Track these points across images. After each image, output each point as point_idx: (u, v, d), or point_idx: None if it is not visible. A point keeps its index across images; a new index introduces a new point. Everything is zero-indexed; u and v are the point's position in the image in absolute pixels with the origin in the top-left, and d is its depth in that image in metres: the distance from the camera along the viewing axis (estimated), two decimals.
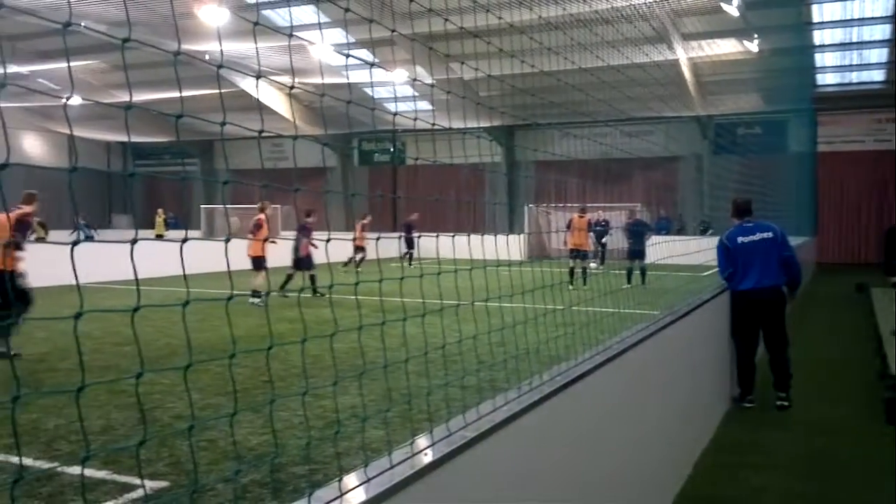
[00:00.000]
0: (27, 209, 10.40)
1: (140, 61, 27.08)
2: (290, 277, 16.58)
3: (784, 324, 7.85)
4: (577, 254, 17.91)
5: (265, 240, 14.70)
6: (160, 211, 34.63)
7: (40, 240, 26.86)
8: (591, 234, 19.59)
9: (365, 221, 25.38)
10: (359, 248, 23.37)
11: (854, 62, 28.84)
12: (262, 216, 15.87)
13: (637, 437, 4.56)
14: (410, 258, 24.64)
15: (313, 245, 16.79)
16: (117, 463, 5.51)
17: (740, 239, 7.75)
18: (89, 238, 28.70)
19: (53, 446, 5.95)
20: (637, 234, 17.92)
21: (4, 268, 9.79)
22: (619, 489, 4.18)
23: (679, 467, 5.59)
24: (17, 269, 10.02)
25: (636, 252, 16.90)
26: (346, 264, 23.42)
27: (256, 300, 14.59)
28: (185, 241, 1.94)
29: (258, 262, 14.94)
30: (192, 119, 1.94)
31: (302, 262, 16.64)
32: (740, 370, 7.82)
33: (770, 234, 7.75)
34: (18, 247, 9.93)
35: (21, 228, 10.13)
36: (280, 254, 15.61)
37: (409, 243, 25.21)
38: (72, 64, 26.74)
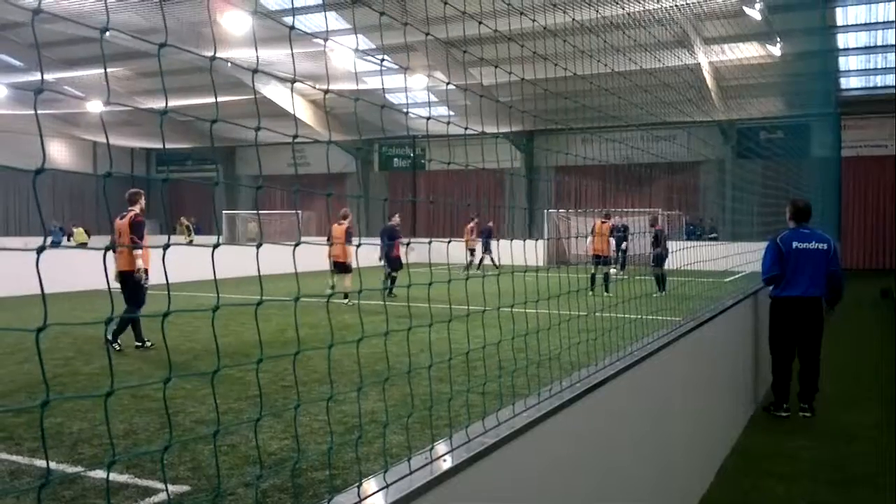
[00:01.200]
0: (135, 210, 10.73)
1: (163, 69, 27.37)
2: (394, 278, 17.72)
3: (821, 336, 7.72)
4: (599, 260, 17.87)
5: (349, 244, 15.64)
6: (182, 219, 34.88)
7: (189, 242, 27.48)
8: (612, 239, 19.58)
9: (472, 225, 25.83)
10: (471, 251, 24.22)
11: (879, 66, 28.53)
12: (347, 223, 16.88)
13: (659, 443, 4.53)
14: (493, 261, 25.15)
15: (403, 244, 17.89)
16: (139, 467, 5.56)
17: (795, 244, 7.50)
18: (56, 244, 28.91)
19: (77, 450, 6.00)
20: (659, 240, 17.97)
21: (133, 269, 10.42)
22: (640, 496, 4.15)
23: (702, 474, 5.54)
24: (143, 269, 10.49)
25: (658, 257, 16.93)
26: (466, 268, 23.98)
27: (346, 301, 15.61)
28: (216, 246, 1.95)
29: (347, 267, 16.18)
30: (216, 126, 1.96)
31: (394, 262, 17.91)
32: (776, 378, 7.70)
33: (825, 246, 7.51)
34: (139, 247, 10.44)
35: (137, 230, 10.50)
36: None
37: (487, 247, 25.95)
38: (98, 71, 27.13)
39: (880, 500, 5.35)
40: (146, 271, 10.48)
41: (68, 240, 32.19)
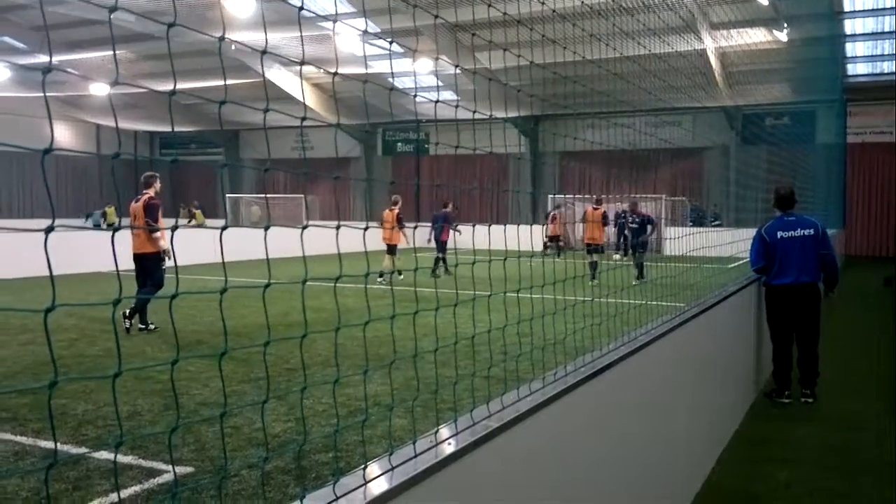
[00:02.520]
0: (150, 192, 10.89)
1: (166, 51, 27.26)
2: (444, 259, 18.98)
3: (818, 321, 7.71)
4: (593, 248, 17.17)
5: (401, 229, 17.21)
6: (192, 207, 34.61)
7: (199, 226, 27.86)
8: (610, 226, 19.27)
9: (556, 213, 25.95)
10: (554, 238, 24.38)
11: (886, 52, 28.34)
12: (397, 209, 18.05)
13: (661, 428, 4.53)
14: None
15: (457, 231, 19.14)
16: (143, 448, 5.58)
17: (780, 233, 7.50)
18: (97, 227, 29.09)
19: (81, 431, 6.03)
20: (637, 226, 17.17)
21: (147, 251, 10.57)
22: (642, 481, 4.16)
23: (703, 460, 5.55)
24: (159, 251, 10.63)
25: (636, 245, 16.41)
26: (545, 253, 24.09)
27: (381, 279, 16.31)
28: (224, 228, 1.94)
29: (393, 248, 17.38)
30: (221, 109, 1.94)
31: (444, 245, 19.32)
32: (777, 366, 7.71)
33: (811, 232, 7.49)
34: (154, 230, 10.56)
35: (151, 212, 10.67)
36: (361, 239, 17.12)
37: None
38: (101, 54, 27.02)
39: (884, 488, 5.36)
40: (166, 252, 10.62)
41: (103, 221, 32.17)
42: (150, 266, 10.58)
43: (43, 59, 27.99)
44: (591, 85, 4.57)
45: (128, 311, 10.46)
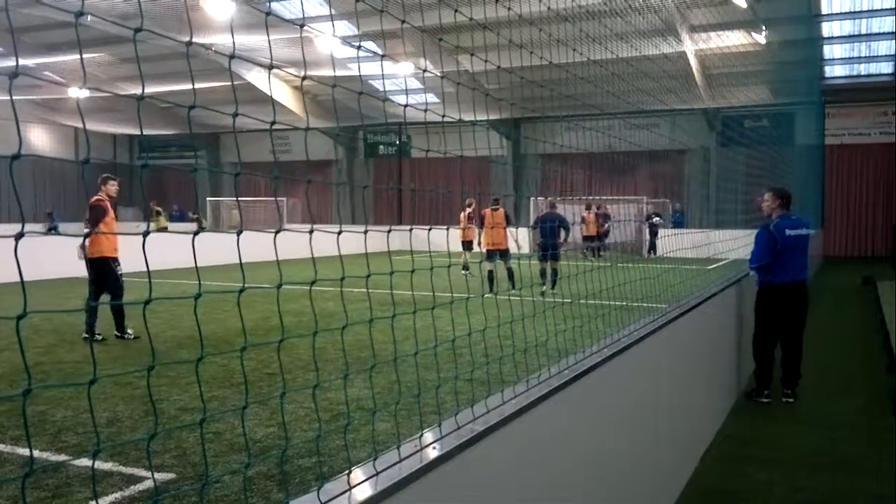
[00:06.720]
0: (99, 195, 10.48)
1: (146, 54, 27.06)
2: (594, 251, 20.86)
3: (805, 320, 7.77)
4: (496, 254, 14.45)
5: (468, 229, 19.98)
6: (198, 216, 34.22)
7: (162, 230, 27.67)
8: (512, 229, 18.28)
9: (599, 212, 26.29)
10: (591, 238, 25.31)
11: (863, 54, 28.67)
12: (471, 210, 20.44)
13: (645, 429, 4.54)
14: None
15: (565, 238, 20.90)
16: (123, 455, 5.52)
17: (788, 231, 7.48)
18: (53, 229, 28.91)
19: (60, 438, 5.96)
20: (550, 230, 15.08)
21: (96, 256, 10.13)
22: (627, 481, 4.16)
23: (686, 460, 5.57)
24: (107, 257, 10.22)
25: (548, 249, 14.33)
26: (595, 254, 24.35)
27: (465, 272, 17.46)
28: (196, 233, 1.92)
29: (469, 245, 20.03)
30: (199, 112, 1.92)
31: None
32: (760, 364, 7.73)
33: (808, 231, 7.63)
34: (90, 233, 10.10)
35: (91, 214, 10.22)
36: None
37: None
38: (78, 57, 26.74)
39: (863, 486, 5.40)
40: (114, 259, 10.23)
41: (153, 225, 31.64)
42: (102, 272, 10.19)
43: (21, 62, 27.71)
44: (571, 89, 4.58)
45: (115, 332, 10.33)
